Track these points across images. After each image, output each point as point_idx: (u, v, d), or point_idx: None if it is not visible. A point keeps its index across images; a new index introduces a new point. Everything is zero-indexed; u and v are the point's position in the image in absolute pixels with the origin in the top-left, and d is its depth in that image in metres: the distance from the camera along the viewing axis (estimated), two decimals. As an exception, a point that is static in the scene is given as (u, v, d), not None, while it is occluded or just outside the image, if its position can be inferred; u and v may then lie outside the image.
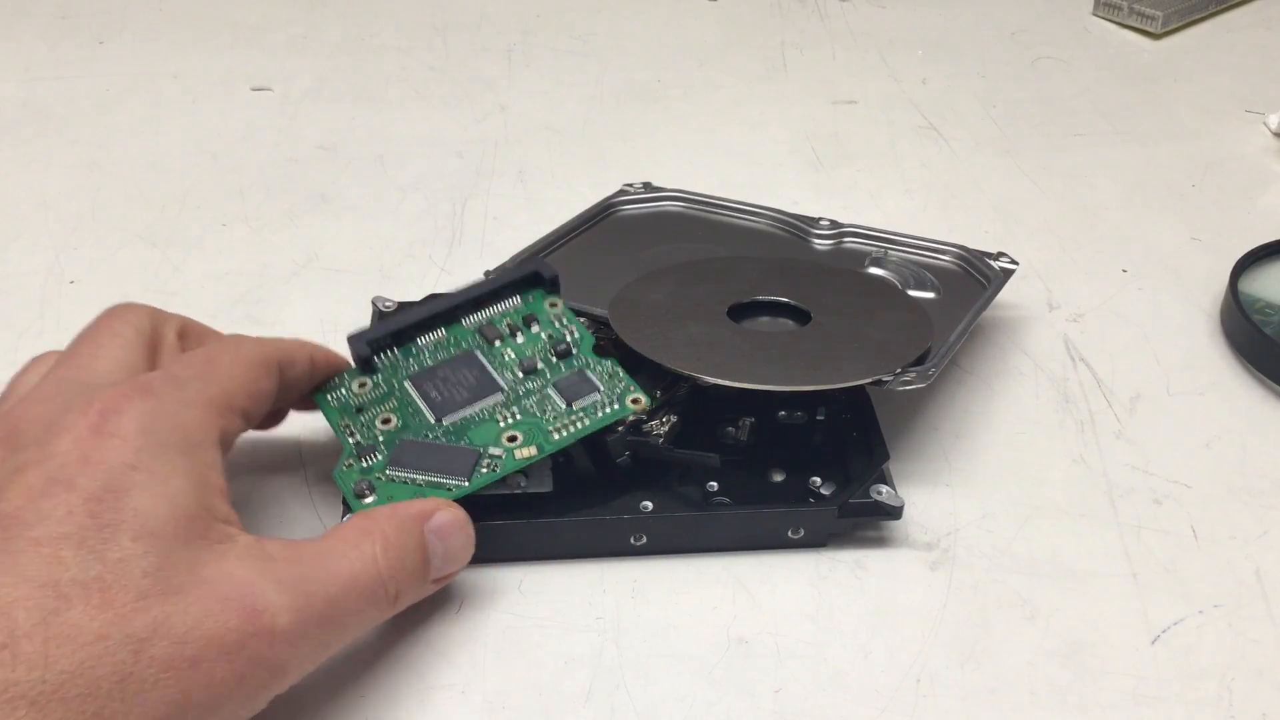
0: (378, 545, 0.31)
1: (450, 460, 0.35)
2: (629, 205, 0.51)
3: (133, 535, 0.27)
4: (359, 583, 0.31)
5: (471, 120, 0.63)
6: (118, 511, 0.27)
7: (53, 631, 0.25)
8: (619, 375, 0.38)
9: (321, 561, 0.30)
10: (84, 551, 0.26)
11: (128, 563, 0.27)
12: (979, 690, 0.33)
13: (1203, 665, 0.34)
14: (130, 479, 0.28)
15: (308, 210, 0.55)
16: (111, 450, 0.28)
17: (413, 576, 0.32)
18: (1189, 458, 0.42)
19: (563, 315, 0.40)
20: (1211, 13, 0.75)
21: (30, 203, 0.56)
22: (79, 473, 0.27)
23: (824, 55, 0.71)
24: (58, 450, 0.28)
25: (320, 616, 0.30)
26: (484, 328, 0.39)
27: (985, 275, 0.46)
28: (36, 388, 0.31)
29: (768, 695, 0.33)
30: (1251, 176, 0.59)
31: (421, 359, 0.39)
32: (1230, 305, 0.47)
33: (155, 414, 0.29)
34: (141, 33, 0.72)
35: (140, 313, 0.34)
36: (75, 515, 0.27)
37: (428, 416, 0.37)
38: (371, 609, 0.31)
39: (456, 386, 0.37)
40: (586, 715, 0.33)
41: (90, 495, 0.27)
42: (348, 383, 0.38)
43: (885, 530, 0.38)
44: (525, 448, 0.36)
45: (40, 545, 0.26)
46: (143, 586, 0.27)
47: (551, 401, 0.37)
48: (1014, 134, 0.62)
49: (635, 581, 0.37)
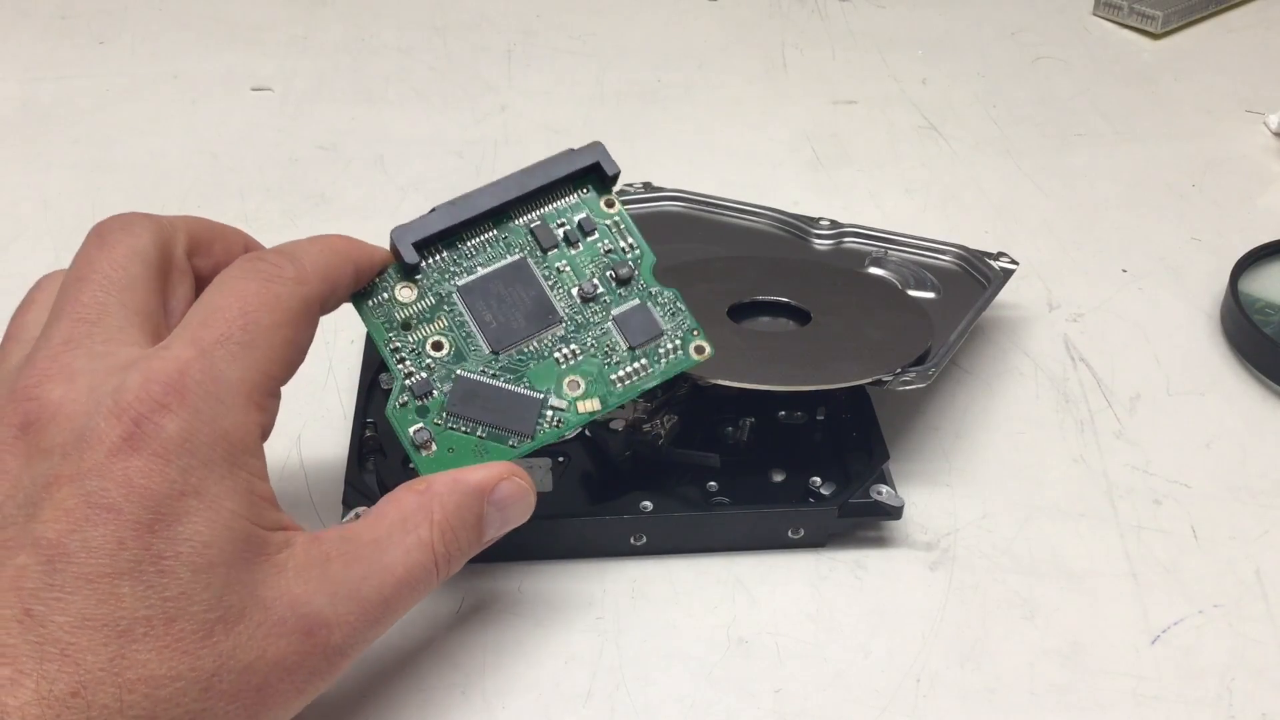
0: (435, 530, 0.30)
1: (511, 410, 0.34)
2: (629, 205, 0.51)
3: (191, 568, 0.25)
4: (413, 576, 0.29)
5: (471, 120, 0.63)
6: (171, 542, 0.25)
7: (123, 676, 0.24)
8: (681, 311, 0.36)
9: (377, 557, 0.29)
10: (141, 587, 0.25)
11: (189, 596, 0.25)
12: (979, 690, 0.33)
13: (1203, 665, 0.34)
14: (181, 505, 0.26)
15: (308, 210, 0.55)
16: (155, 472, 0.26)
17: (465, 552, 0.31)
18: (1189, 458, 0.42)
19: (620, 223, 0.36)
20: (1211, 13, 0.75)
21: (30, 203, 0.56)
22: (123, 498, 0.25)
23: (824, 55, 0.71)
24: (92, 466, 0.26)
25: (374, 620, 0.29)
26: (537, 228, 0.36)
27: (985, 275, 0.46)
28: (49, 351, 0.28)
29: (768, 695, 0.33)
30: (1251, 176, 0.59)
31: (472, 264, 0.35)
32: (1230, 305, 0.47)
33: (196, 421, 0.27)
34: (141, 33, 0.72)
35: (142, 232, 0.31)
36: (127, 547, 0.25)
37: (483, 346, 0.34)
38: (423, 593, 0.30)
39: (512, 309, 0.35)
40: (586, 715, 0.33)
41: (140, 524, 0.25)
42: (392, 288, 0.34)
43: (885, 530, 0.38)
44: (588, 400, 0.34)
45: (94, 582, 0.25)
46: (207, 620, 0.25)
47: (612, 339, 0.35)
48: (1014, 134, 0.62)
49: (635, 581, 0.37)
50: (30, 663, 0.24)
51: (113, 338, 0.28)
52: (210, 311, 0.29)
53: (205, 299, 0.29)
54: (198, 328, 0.28)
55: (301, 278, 0.30)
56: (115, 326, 0.29)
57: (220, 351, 0.28)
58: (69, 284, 0.30)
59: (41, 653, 0.24)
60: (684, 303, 0.36)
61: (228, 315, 0.29)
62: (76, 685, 0.24)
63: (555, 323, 0.35)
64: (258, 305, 0.29)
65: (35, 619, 0.24)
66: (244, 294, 0.29)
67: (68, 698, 0.24)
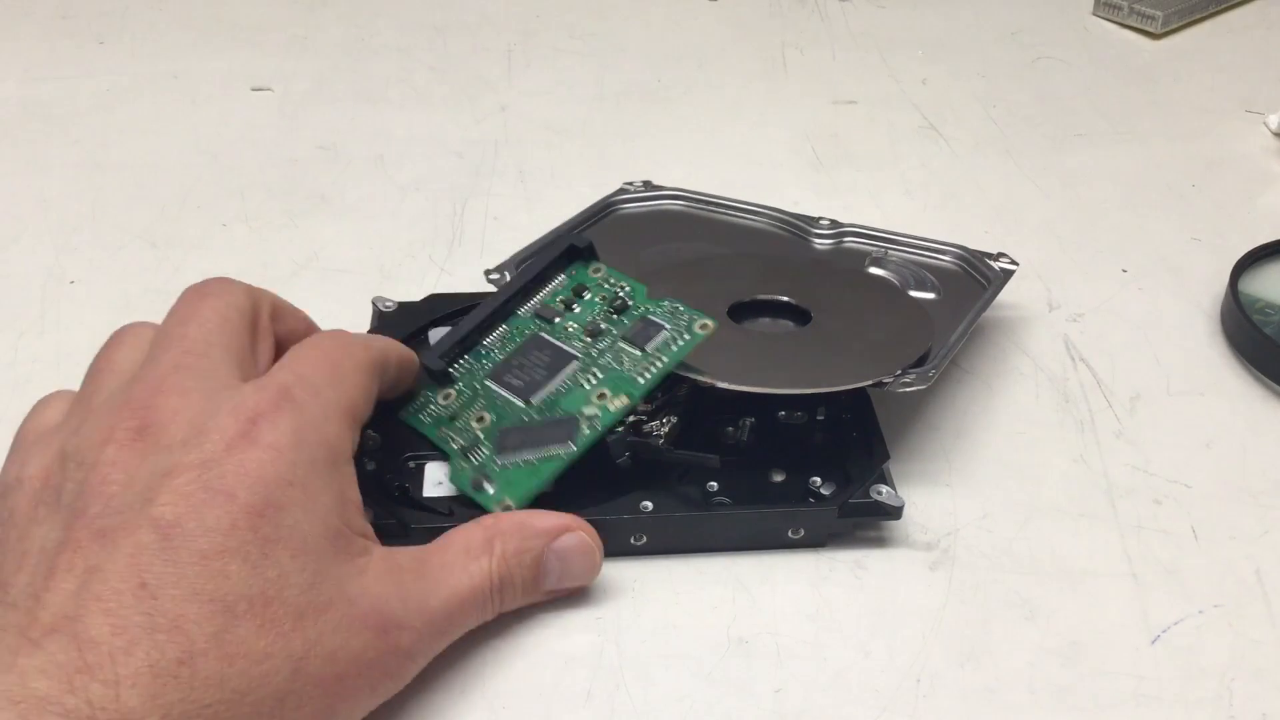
0: (495, 563, 0.33)
1: (552, 433, 0.36)
2: (629, 204, 0.51)
3: (291, 552, 0.27)
4: (474, 597, 0.32)
5: (471, 120, 0.63)
6: (277, 527, 0.27)
7: (226, 650, 0.25)
8: (680, 309, 0.39)
9: (443, 576, 0.32)
10: (247, 567, 0.27)
11: (286, 579, 0.27)
12: (979, 690, 0.33)
13: (1203, 665, 0.34)
14: (288, 495, 0.28)
15: (308, 210, 0.55)
16: (268, 463, 0.28)
17: (521, 592, 0.34)
18: (1189, 458, 0.42)
19: (608, 276, 0.41)
20: (1211, 13, 0.75)
21: (30, 203, 0.56)
22: (238, 484, 0.27)
23: (824, 55, 0.71)
24: (211, 456, 0.28)
25: (438, 631, 0.31)
26: (540, 310, 0.40)
27: (985, 276, 0.46)
28: (159, 372, 0.30)
29: (768, 695, 0.33)
30: (1251, 176, 0.59)
31: (492, 356, 0.40)
32: (1230, 305, 0.47)
33: (304, 425, 0.30)
34: (141, 33, 0.72)
35: (238, 291, 0.34)
36: (239, 529, 0.27)
37: (517, 403, 0.38)
38: (479, 617, 0.33)
39: (534, 369, 0.39)
40: (586, 715, 0.33)
41: (252, 509, 0.27)
42: (433, 398, 0.39)
43: (885, 530, 0.38)
44: (617, 398, 0.37)
45: (207, 559, 0.26)
46: (300, 604, 0.27)
47: (626, 352, 0.38)
48: (1014, 134, 0.62)
49: (635, 581, 0.37)
50: (141, 632, 0.25)
51: (216, 370, 0.31)
52: (300, 357, 0.33)
53: (293, 351, 0.33)
54: (293, 364, 0.32)
55: (367, 345, 0.35)
56: (218, 360, 0.32)
57: (317, 379, 0.32)
58: (172, 325, 0.33)
59: (153, 623, 0.25)
60: (681, 303, 0.38)
61: (316, 358, 0.33)
62: (184, 655, 0.25)
63: (572, 360, 0.38)
64: (340, 356, 0.33)
65: (149, 591, 0.25)
66: (327, 348, 0.34)
67: (175, 667, 0.25)
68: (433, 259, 0.52)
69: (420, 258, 0.52)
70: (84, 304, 0.49)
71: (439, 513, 0.36)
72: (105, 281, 0.50)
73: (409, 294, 0.46)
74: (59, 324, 0.48)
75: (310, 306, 0.49)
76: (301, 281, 0.50)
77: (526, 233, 0.51)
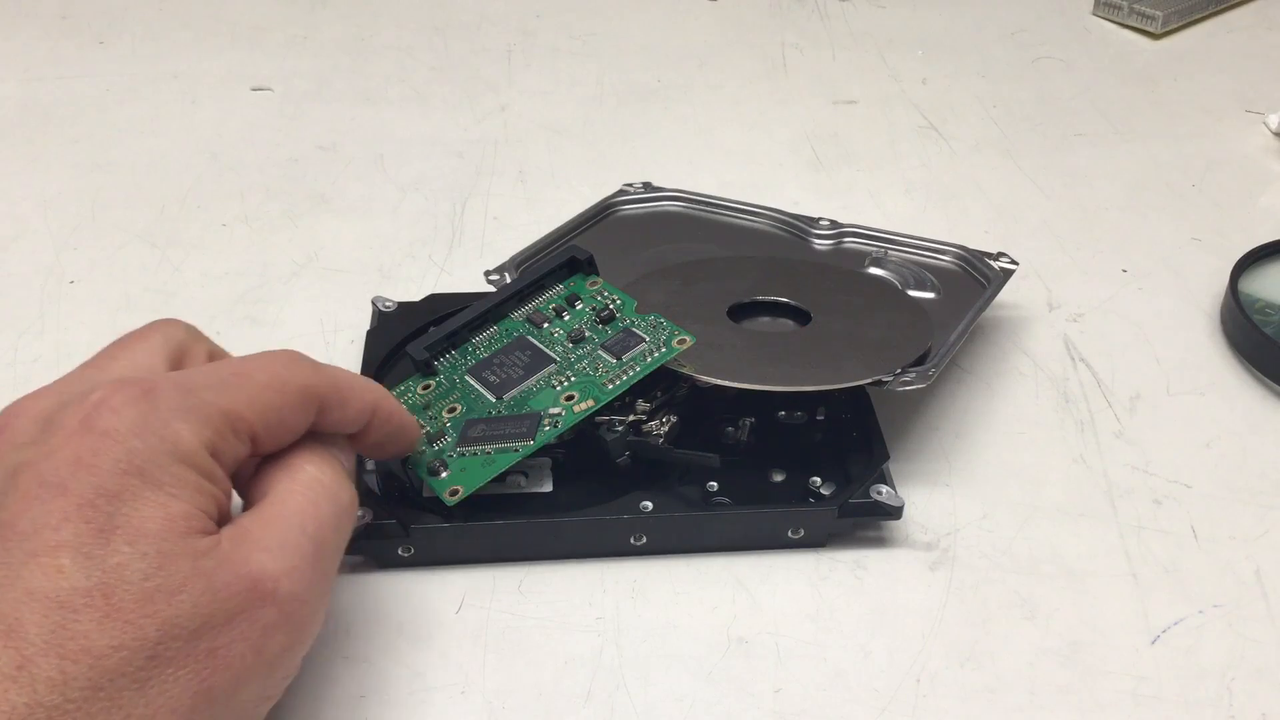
0: (313, 463, 0.31)
1: (513, 428, 0.37)
2: (629, 205, 0.51)
3: (128, 539, 0.26)
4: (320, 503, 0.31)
5: (471, 120, 0.63)
6: (111, 516, 0.26)
7: (66, 648, 0.25)
8: (663, 324, 0.39)
9: (286, 510, 0.30)
10: (81, 558, 0.26)
11: (127, 567, 0.26)
12: (979, 690, 0.33)
13: (1203, 665, 0.34)
14: (123, 483, 0.27)
15: (308, 210, 0.55)
16: (102, 450, 0.27)
17: (350, 454, 0.33)
18: (1189, 458, 0.42)
19: (604, 290, 0.41)
20: (1211, 13, 0.75)
21: (30, 203, 0.56)
22: (70, 475, 0.27)
23: (824, 55, 0.71)
24: (49, 449, 0.27)
25: (312, 557, 0.29)
26: (531, 315, 0.41)
27: (985, 275, 0.46)
28: (49, 385, 0.31)
29: (768, 695, 0.33)
30: (1251, 176, 0.59)
31: (477, 353, 0.40)
32: (1230, 305, 0.47)
33: (152, 418, 0.28)
34: (141, 33, 0.72)
35: (177, 326, 0.33)
36: (70, 521, 0.26)
37: (489, 398, 0.38)
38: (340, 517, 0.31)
39: (512, 368, 0.39)
40: (586, 715, 0.33)
41: (83, 500, 0.26)
42: (413, 387, 0.40)
43: (885, 530, 0.38)
44: (582, 401, 0.37)
45: (38, 556, 0.25)
46: (146, 590, 0.26)
47: (602, 360, 0.38)
48: (1014, 134, 0.62)
49: (635, 581, 0.37)
50: None
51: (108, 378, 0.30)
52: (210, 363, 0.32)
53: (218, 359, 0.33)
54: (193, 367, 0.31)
55: (316, 371, 0.32)
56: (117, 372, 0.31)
57: (202, 380, 0.30)
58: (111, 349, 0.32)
59: None
60: (665, 319, 0.39)
61: (226, 364, 0.32)
62: (21, 659, 0.24)
63: (549, 364, 0.39)
64: (255, 369, 0.31)
65: None
66: (252, 359, 0.32)
67: (14, 672, 0.24)
68: (432, 259, 0.52)
69: (420, 258, 0.52)
70: (84, 304, 0.49)
71: (439, 513, 0.36)
72: (105, 281, 0.50)
73: (409, 294, 0.46)
74: (59, 324, 0.48)
75: (310, 306, 0.49)
76: (301, 281, 0.50)
77: (526, 233, 0.51)
